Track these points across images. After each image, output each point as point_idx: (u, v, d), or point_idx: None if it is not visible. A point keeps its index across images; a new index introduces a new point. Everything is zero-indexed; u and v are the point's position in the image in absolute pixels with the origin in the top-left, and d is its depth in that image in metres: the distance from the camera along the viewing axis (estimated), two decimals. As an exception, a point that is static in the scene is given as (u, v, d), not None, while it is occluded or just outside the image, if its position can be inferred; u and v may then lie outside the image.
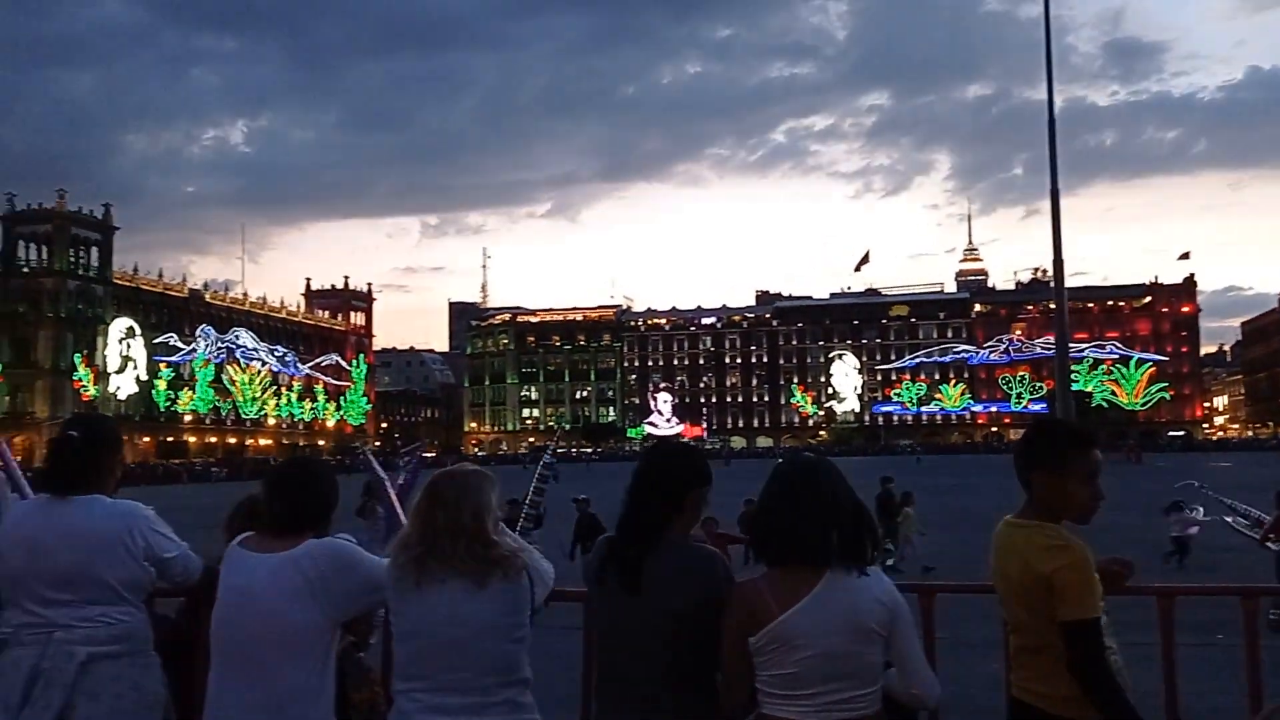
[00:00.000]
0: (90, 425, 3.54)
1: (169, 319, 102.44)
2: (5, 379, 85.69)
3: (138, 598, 3.34)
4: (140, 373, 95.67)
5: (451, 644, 2.83)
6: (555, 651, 3.89)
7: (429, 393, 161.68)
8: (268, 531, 3.16)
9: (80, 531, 3.27)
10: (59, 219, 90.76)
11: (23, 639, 3.22)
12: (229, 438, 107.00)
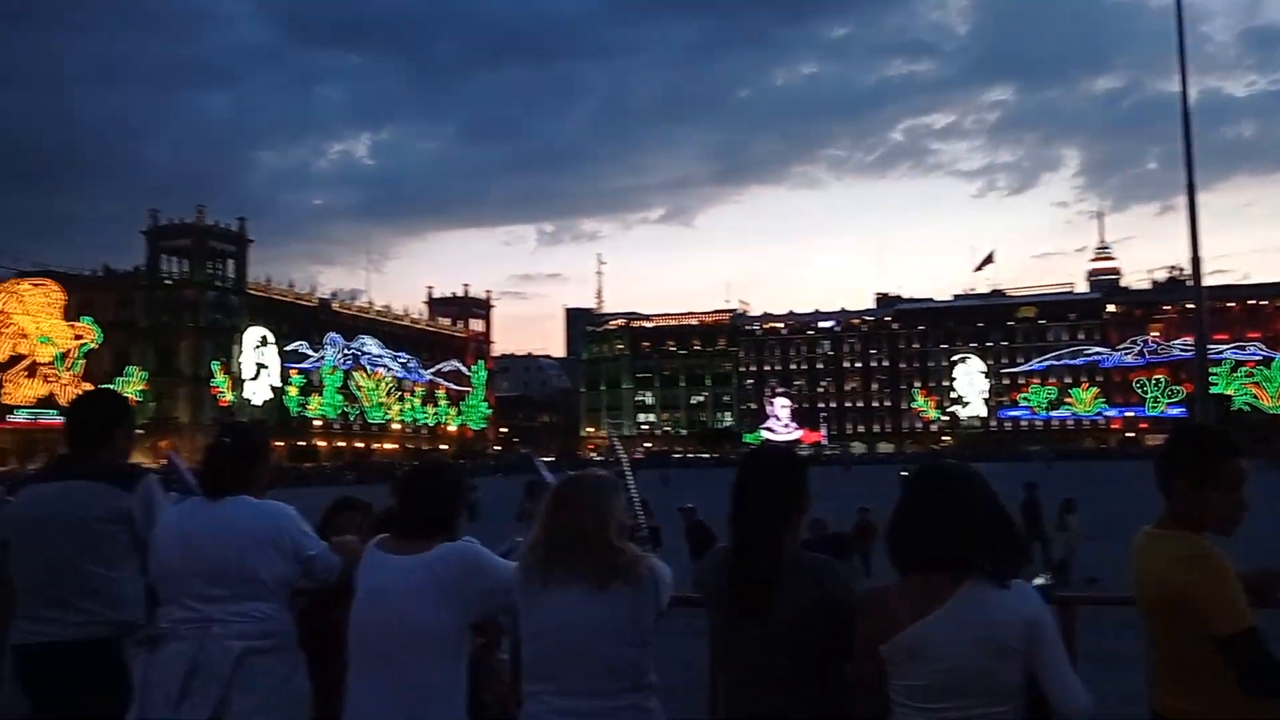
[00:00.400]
0: (241, 432, 3.76)
1: (299, 327, 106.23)
2: (151, 386, 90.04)
3: (283, 595, 3.48)
4: (273, 379, 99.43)
5: (576, 647, 2.87)
6: (680, 657, 3.82)
7: (546, 398, 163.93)
8: (400, 533, 3.25)
9: (231, 530, 3.42)
10: (198, 233, 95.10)
11: (181, 633, 3.35)
12: (356, 442, 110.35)
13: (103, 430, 3.97)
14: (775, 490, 2.86)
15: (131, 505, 3.77)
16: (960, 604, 2.48)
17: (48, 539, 3.76)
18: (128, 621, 3.71)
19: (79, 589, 3.70)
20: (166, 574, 3.50)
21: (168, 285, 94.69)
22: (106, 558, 3.74)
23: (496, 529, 3.39)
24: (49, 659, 3.70)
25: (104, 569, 3.73)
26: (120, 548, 3.75)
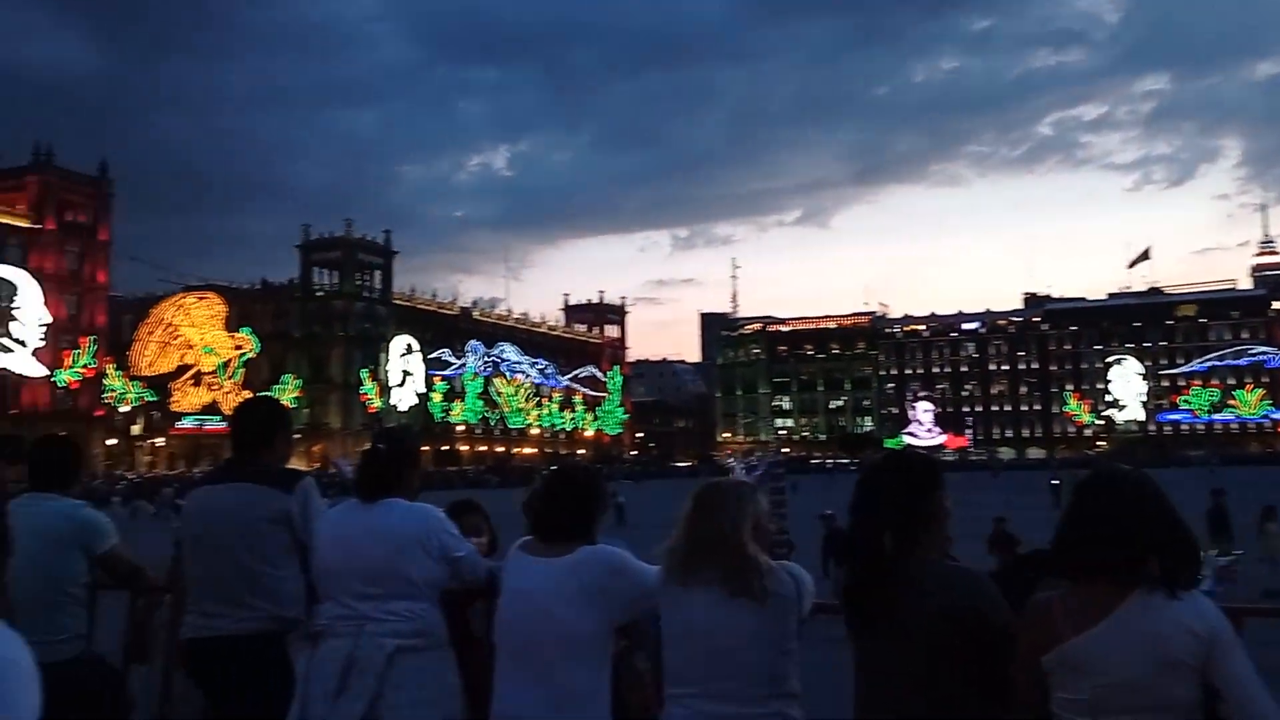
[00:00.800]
0: (396, 439, 3.86)
1: (442, 335, 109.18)
2: (305, 393, 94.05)
3: (434, 595, 3.58)
4: (418, 386, 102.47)
5: (716, 652, 2.86)
6: (823, 665, 3.76)
7: (682, 403, 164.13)
8: (542, 536, 3.30)
9: (384, 531, 3.54)
10: (347, 246, 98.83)
11: (338, 630, 3.50)
12: (496, 446, 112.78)
13: (264, 436, 4.13)
14: (894, 497, 2.77)
15: (291, 507, 3.91)
16: (1128, 615, 2.36)
17: (216, 539, 3.94)
18: (290, 618, 3.86)
19: (246, 586, 3.86)
20: (325, 573, 3.65)
21: (319, 297, 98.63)
22: (270, 557, 3.89)
23: (641, 534, 3.40)
24: (218, 652, 3.87)
25: (268, 567, 3.88)
26: (282, 547, 3.91)
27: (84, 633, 4.29)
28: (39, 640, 3.87)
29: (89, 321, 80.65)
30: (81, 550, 4.24)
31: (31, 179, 77.11)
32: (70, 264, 79.24)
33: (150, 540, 12.64)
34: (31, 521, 3.94)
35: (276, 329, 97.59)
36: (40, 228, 76.57)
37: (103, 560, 4.31)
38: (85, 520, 4.30)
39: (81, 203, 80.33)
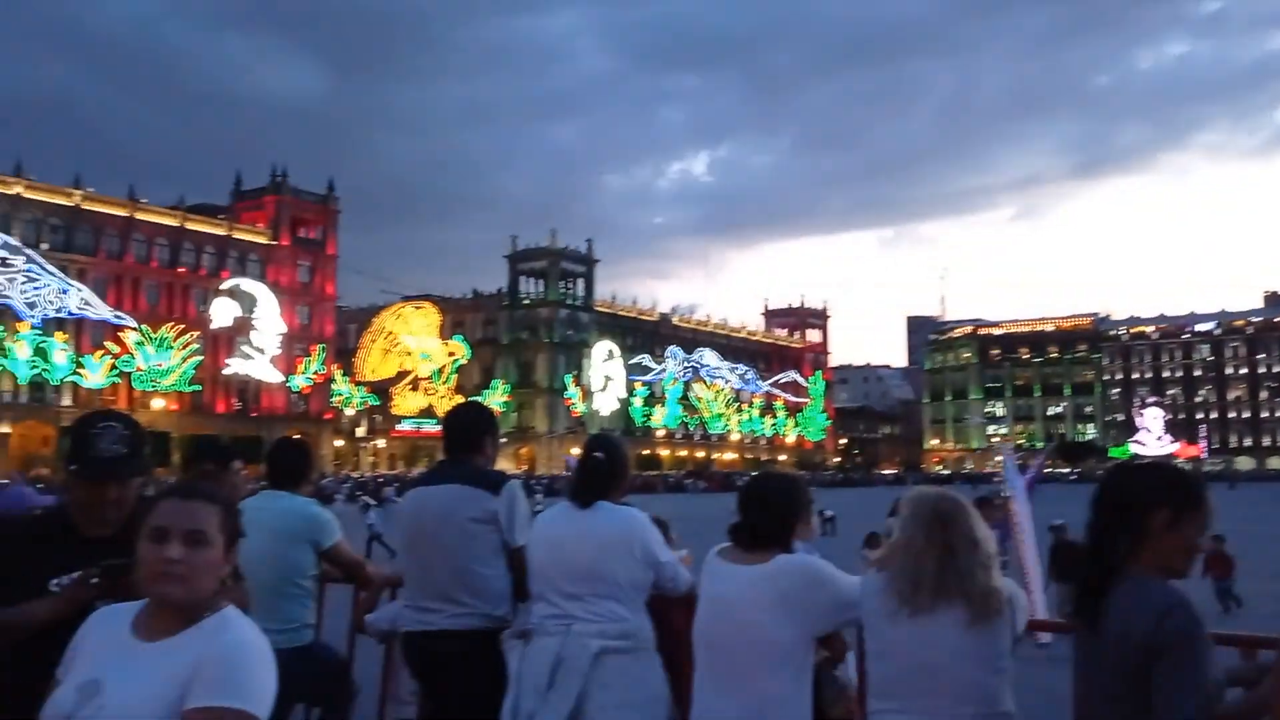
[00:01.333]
0: (609, 447, 3.94)
1: (642, 341, 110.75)
2: (512, 397, 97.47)
3: (640, 598, 3.64)
4: (619, 391, 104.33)
5: (927, 668, 2.79)
6: (1039, 686, 3.54)
7: (887, 409, 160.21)
8: (741, 543, 3.27)
9: (592, 533, 3.64)
10: (551, 255, 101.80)
11: (548, 629, 3.61)
12: (697, 451, 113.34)
13: (473, 439, 4.25)
14: (1123, 501, 2.56)
15: (498, 508, 4.01)
16: None
17: (431, 537, 4.09)
18: (499, 616, 3.99)
19: (458, 584, 4.00)
20: (536, 572, 3.77)
21: (526, 305, 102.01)
22: (479, 556, 4.01)
23: (850, 543, 3.32)
24: (433, 646, 4.03)
25: (479, 566, 4.00)
26: (491, 547, 4.01)
27: (312, 622, 4.53)
28: (272, 629, 4.13)
29: (318, 330, 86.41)
30: (310, 545, 4.48)
31: (269, 199, 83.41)
32: (302, 277, 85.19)
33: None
34: (266, 517, 4.19)
35: (486, 336, 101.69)
36: (276, 244, 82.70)
37: (328, 555, 4.55)
38: (314, 517, 4.54)
39: (312, 220, 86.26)
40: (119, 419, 2.90)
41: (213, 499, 2.21)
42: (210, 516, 2.16)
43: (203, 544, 2.13)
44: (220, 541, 2.17)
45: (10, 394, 67.03)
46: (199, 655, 2.05)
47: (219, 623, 2.13)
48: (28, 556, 2.82)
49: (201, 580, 2.12)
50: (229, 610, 2.17)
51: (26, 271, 66.09)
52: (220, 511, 2.19)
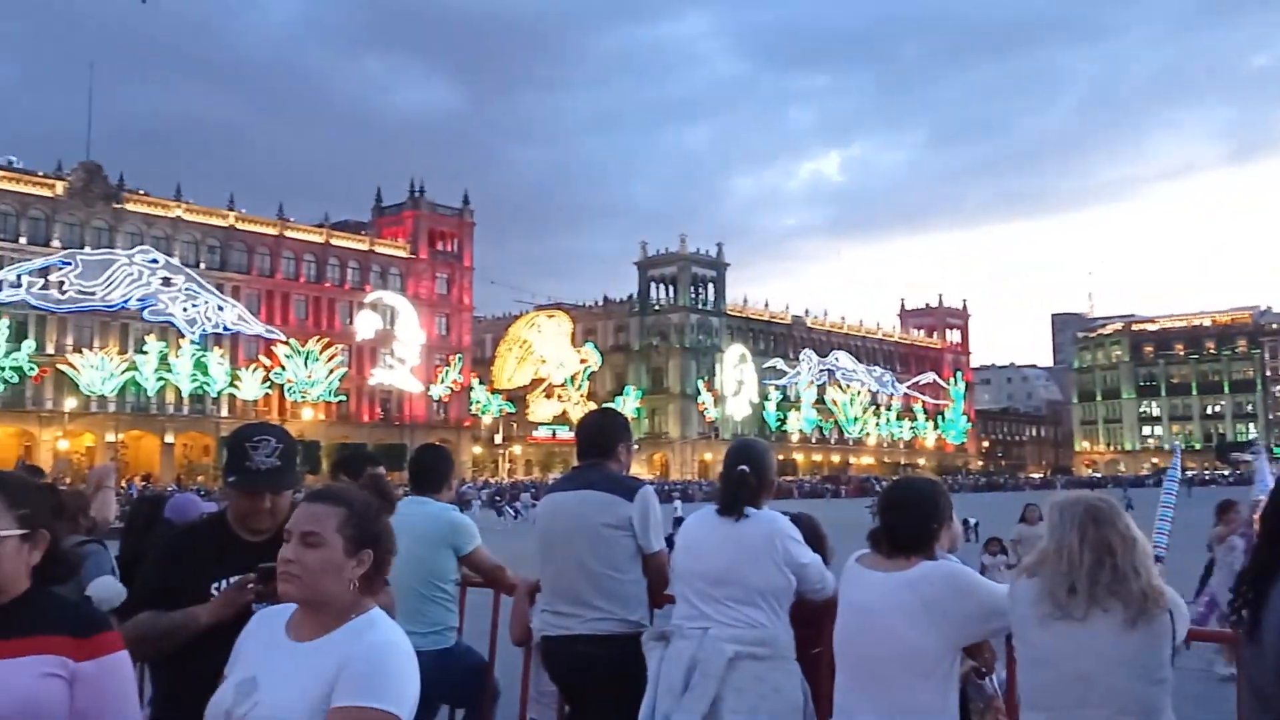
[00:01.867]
0: (754, 458, 3.90)
1: (775, 344, 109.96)
2: (644, 403, 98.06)
3: (780, 605, 3.60)
4: (752, 395, 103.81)
5: (1083, 678, 2.70)
6: (1198, 697, 3.35)
7: (1032, 410, 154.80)
8: (881, 549, 3.22)
9: (731, 537, 3.63)
10: (681, 261, 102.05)
11: (685, 632, 3.61)
12: (833, 456, 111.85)
13: (606, 445, 4.28)
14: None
15: (632, 514, 4.03)
16: None
17: (564, 543, 4.15)
18: (635, 620, 4.01)
19: (594, 589, 4.03)
20: (676, 575, 3.80)
21: (656, 311, 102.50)
22: (614, 561, 4.03)
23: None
24: (571, 650, 4.07)
25: (614, 571, 4.03)
26: (626, 553, 4.04)
27: (455, 625, 4.63)
28: (416, 631, 4.25)
29: (456, 340, 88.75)
30: (451, 550, 4.59)
31: (408, 214, 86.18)
32: (440, 289, 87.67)
33: (511, 541, 13.63)
34: (409, 523, 4.30)
35: (618, 343, 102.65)
36: (415, 257, 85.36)
37: (468, 560, 4.66)
38: (454, 522, 4.66)
39: (449, 233, 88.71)
40: (273, 432, 3.03)
41: (336, 501, 2.26)
42: (328, 519, 2.22)
43: (316, 545, 2.19)
44: (338, 543, 2.20)
45: (174, 406, 70.98)
46: (345, 656, 2.11)
47: (364, 624, 2.19)
48: (192, 562, 2.99)
49: (317, 580, 2.18)
50: (375, 612, 2.23)
51: (187, 290, 70.03)
52: (341, 513, 2.23)
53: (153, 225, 70.81)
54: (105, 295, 66.55)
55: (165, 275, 69.15)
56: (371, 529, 2.28)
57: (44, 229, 66.33)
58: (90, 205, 67.94)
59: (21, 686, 2.07)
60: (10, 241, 64.52)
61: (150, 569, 3.14)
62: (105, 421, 66.84)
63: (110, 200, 68.79)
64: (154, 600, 2.94)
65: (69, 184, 67.25)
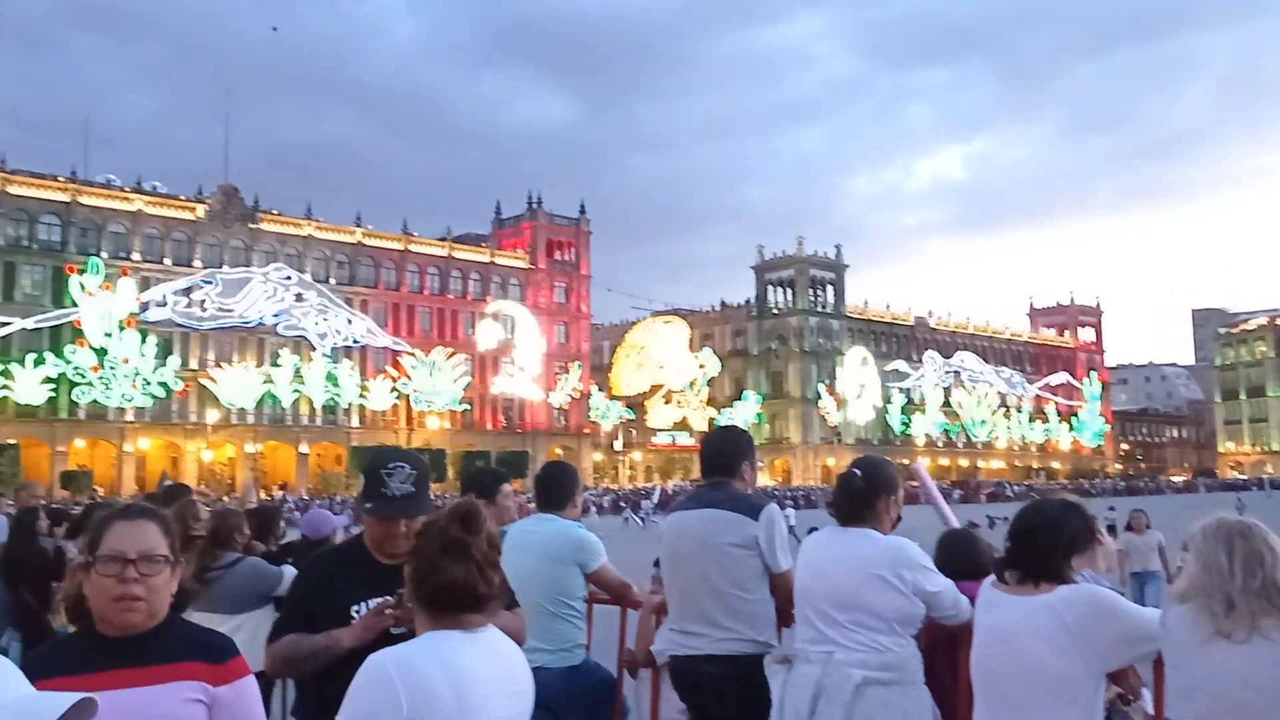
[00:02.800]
0: (869, 468, 3.83)
1: (897, 347, 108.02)
2: (764, 408, 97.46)
3: (908, 630, 3.53)
4: (875, 399, 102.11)
5: (1242, 708, 2.56)
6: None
7: (1173, 410, 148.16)
8: (1017, 570, 3.11)
9: (854, 560, 3.56)
10: (799, 263, 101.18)
11: (809, 656, 3.56)
12: (960, 460, 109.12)
13: (731, 463, 4.24)
14: None
15: (758, 533, 3.99)
16: None
17: (690, 562, 4.11)
18: (763, 641, 3.97)
19: (721, 608, 4.00)
20: (800, 595, 3.73)
21: (774, 314, 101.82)
22: (741, 581, 3.99)
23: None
24: (698, 670, 4.04)
25: (741, 591, 3.99)
26: (753, 572, 4.00)
27: (583, 642, 4.62)
28: (545, 649, 4.25)
29: (575, 348, 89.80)
30: (577, 567, 4.57)
31: (526, 225, 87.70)
32: (558, 297, 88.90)
33: (635, 549, 13.61)
34: (536, 540, 4.38)
35: (735, 348, 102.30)
36: (534, 267, 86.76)
37: (594, 577, 4.64)
38: (580, 540, 4.63)
39: (566, 242, 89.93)
40: (407, 459, 3.12)
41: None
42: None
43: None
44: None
45: (307, 417, 73.67)
46: None
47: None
48: (333, 584, 3.11)
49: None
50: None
51: (318, 305, 72.69)
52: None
53: (286, 243, 73.71)
54: (243, 312, 69.59)
55: (298, 291, 71.91)
56: (495, 557, 2.27)
57: (187, 250, 69.72)
58: (228, 226, 71.13)
59: (168, 712, 2.14)
60: (156, 263, 67.99)
61: (294, 592, 3.28)
62: (244, 433, 69.80)
63: (247, 221, 71.90)
64: (298, 622, 3.06)
65: (209, 207, 70.55)
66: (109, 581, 2.15)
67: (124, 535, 2.19)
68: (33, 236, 64.50)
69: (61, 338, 62.66)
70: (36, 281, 64.09)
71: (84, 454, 64.92)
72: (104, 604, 2.17)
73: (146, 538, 2.21)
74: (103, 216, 66.61)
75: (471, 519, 2.23)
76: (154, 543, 2.22)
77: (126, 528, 2.21)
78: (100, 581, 2.16)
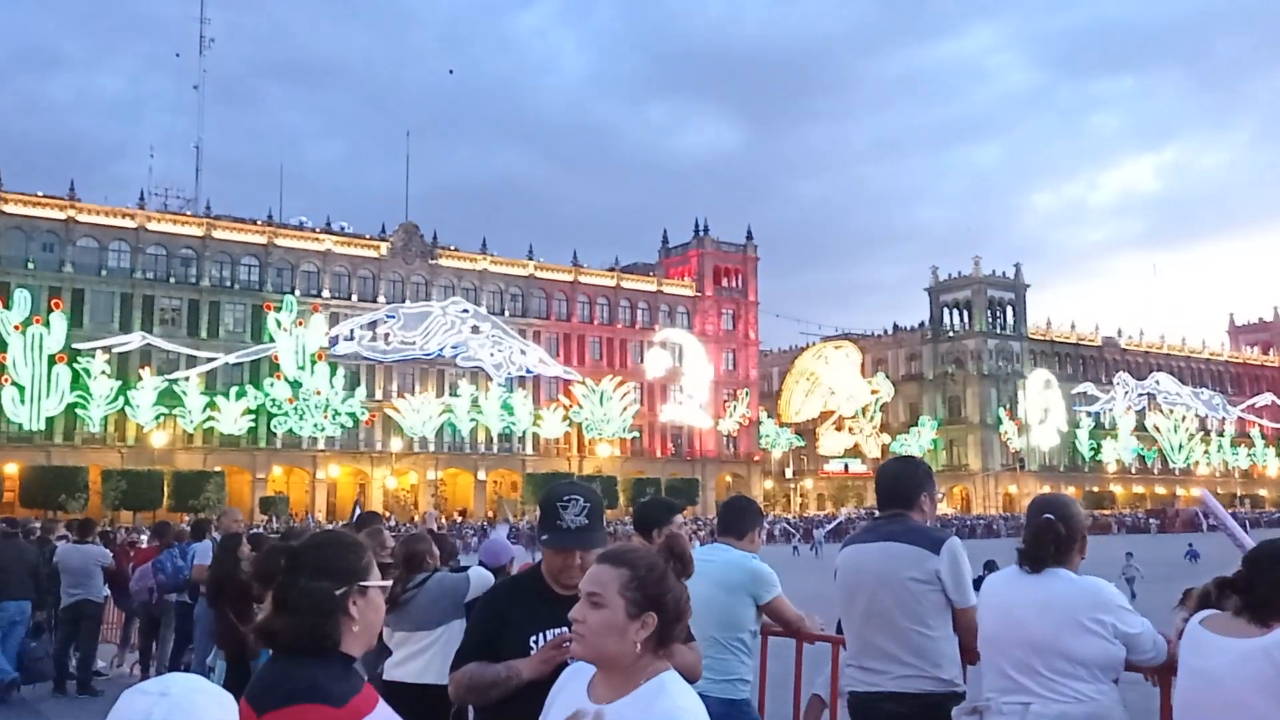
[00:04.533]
0: (1062, 511, 3.68)
1: (1084, 368, 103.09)
2: (941, 434, 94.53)
3: (1108, 675, 3.37)
4: (1060, 424, 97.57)
5: None
6: None
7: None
8: (1234, 611, 2.88)
9: (1047, 603, 3.40)
10: (976, 284, 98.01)
11: (1001, 708, 3.41)
12: (1156, 487, 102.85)
13: (910, 495, 4.15)
14: None
15: (939, 567, 3.89)
16: None
17: (871, 597, 4.00)
18: (948, 680, 3.84)
19: (901, 645, 3.89)
20: (987, 641, 3.57)
21: (950, 337, 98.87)
22: (923, 617, 3.88)
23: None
24: (880, 707, 3.93)
25: (922, 627, 3.87)
26: (935, 607, 3.88)
27: (748, 679, 4.56)
28: (710, 678, 4.18)
29: (743, 374, 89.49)
30: (751, 599, 4.53)
31: (693, 253, 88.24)
32: (726, 324, 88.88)
33: (808, 579, 13.36)
34: (711, 569, 4.31)
35: (910, 372, 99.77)
36: (701, 295, 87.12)
37: (769, 609, 4.58)
38: (754, 571, 4.58)
39: (733, 269, 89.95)
40: (581, 492, 3.17)
41: (620, 563, 2.29)
42: (611, 581, 2.25)
43: (600, 605, 2.23)
44: (620, 605, 2.22)
45: (484, 444, 76.02)
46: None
47: (654, 690, 2.17)
48: (512, 614, 3.17)
49: (601, 640, 2.20)
50: (666, 675, 2.20)
51: (493, 336, 75.11)
52: (624, 575, 2.25)
53: (462, 278, 76.58)
54: (424, 344, 72.61)
55: (474, 324, 74.53)
56: (655, 591, 2.25)
57: (371, 286, 73.42)
58: (409, 263, 74.50)
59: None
60: (344, 299, 71.84)
61: (475, 621, 3.35)
62: (426, 460, 72.58)
63: (426, 257, 75.13)
64: (479, 651, 3.13)
65: (391, 244, 74.13)
66: (384, 605, 2.36)
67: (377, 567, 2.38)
68: (234, 277, 69.25)
69: (260, 372, 66.96)
70: (238, 319, 68.68)
71: (280, 481, 68.95)
72: (381, 624, 2.36)
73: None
74: (296, 257, 70.94)
75: (685, 543, 2.35)
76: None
77: (374, 560, 2.37)
78: (383, 605, 2.34)
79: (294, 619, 2.18)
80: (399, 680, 5.21)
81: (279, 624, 2.20)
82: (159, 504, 57.83)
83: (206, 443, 65.53)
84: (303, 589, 2.19)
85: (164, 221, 67.59)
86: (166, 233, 67.14)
